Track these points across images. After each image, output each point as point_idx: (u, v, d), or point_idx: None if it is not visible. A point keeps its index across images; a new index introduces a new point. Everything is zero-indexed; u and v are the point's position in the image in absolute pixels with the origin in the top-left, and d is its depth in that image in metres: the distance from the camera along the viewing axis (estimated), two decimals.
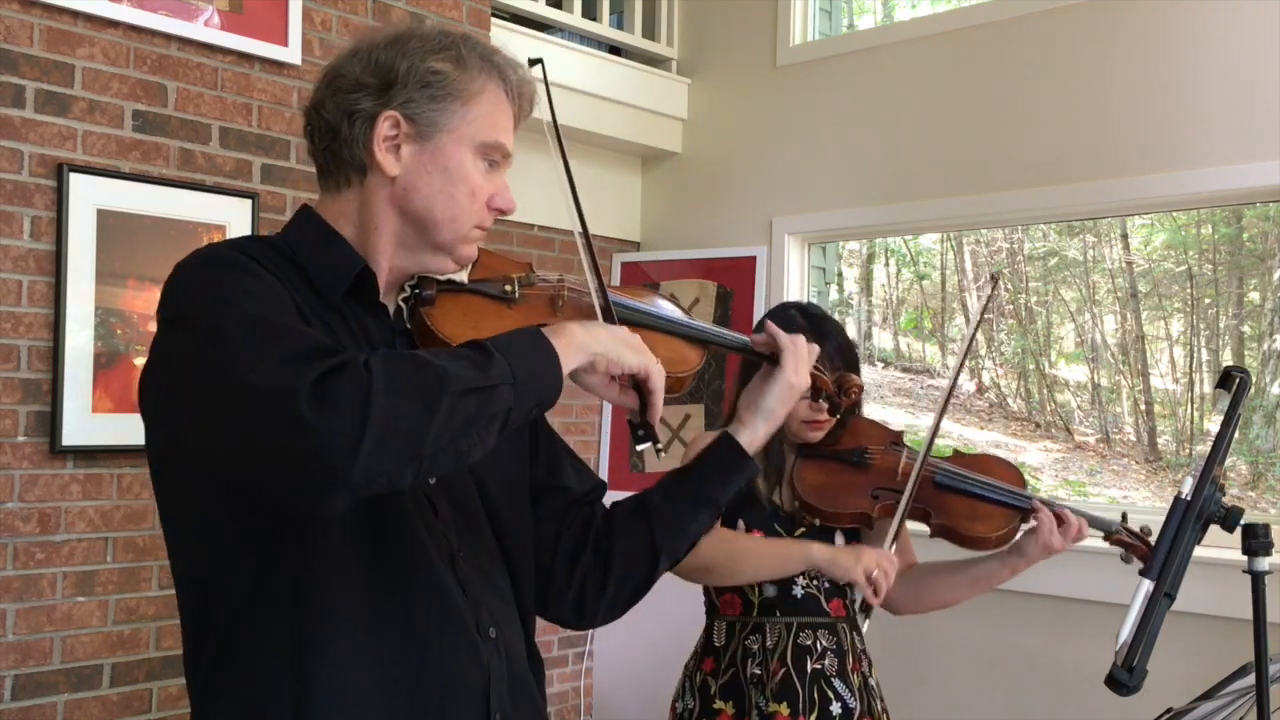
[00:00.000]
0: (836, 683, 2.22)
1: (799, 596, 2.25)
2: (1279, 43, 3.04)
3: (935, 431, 2.27)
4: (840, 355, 2.23)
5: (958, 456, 2.35)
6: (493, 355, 1.14)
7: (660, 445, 1.34)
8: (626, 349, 1.27)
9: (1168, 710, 1.73)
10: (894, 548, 2.19)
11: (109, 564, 2.84)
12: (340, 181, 1.33)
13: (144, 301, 2.88)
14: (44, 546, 2.74)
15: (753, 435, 1.50)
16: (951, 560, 2.32)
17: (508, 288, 1.38)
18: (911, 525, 2.26)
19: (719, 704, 2.24)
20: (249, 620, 1.23)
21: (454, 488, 1.35)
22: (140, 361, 2.87)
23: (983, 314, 2.41)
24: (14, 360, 2.71)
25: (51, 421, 2.74)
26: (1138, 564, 2.18)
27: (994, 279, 2.51)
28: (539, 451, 1.50)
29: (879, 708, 2.30)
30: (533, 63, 1.40)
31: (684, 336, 1.48)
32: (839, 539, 2.28)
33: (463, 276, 1.38)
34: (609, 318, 1.36)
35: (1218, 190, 3.16)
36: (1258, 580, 1.71)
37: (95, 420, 2.80)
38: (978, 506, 2.24)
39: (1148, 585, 1.58)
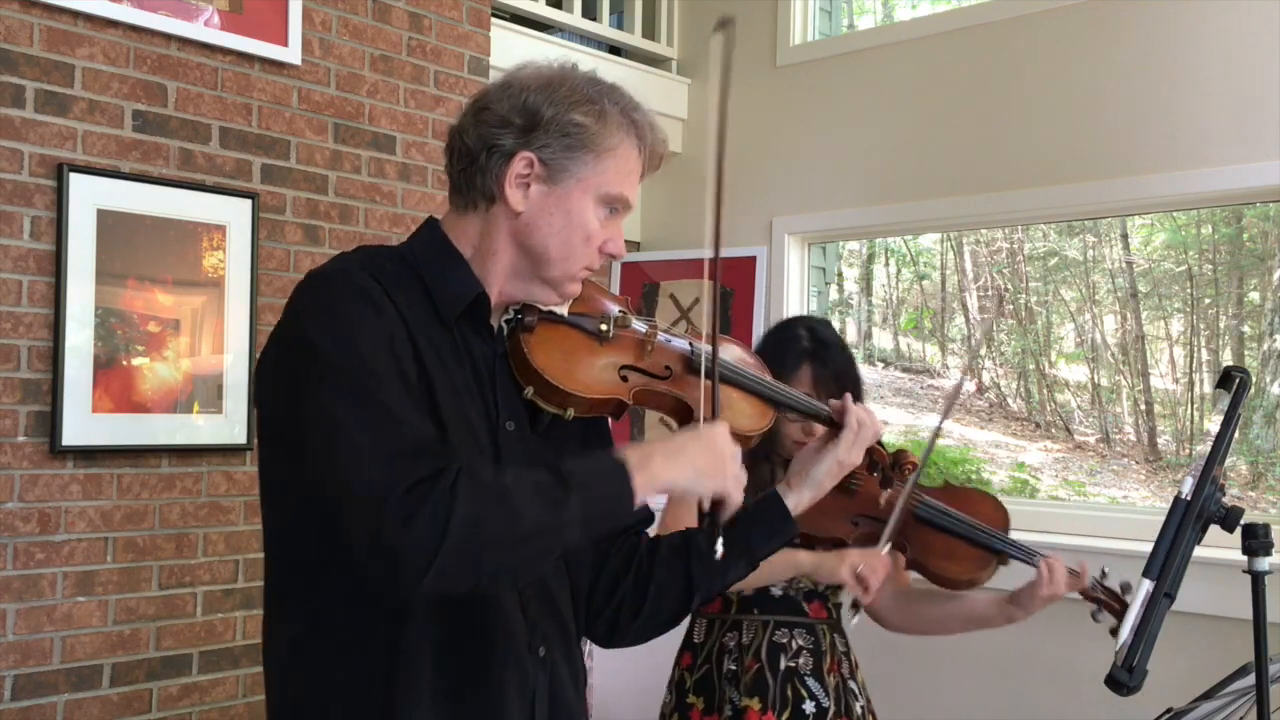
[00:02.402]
0: (810, 681, 2.23)
1: (776, 596, 2.27)
2: (1279, 43, 3.04)
3: (922, 466, 2.11)
4: (836, 381, 2.21)
5: (948, 489, 2.29)
6: (571, 495, 1.23)
7: (720, 550, 1.40)
8: (706, 479, 1.35)
9: (1168, 710, 1.73)
10: (887, 546, 2.16)
11: (109, 564, 2.84)
12: (469, 203, 1.41)
13: (144, 301, 2.88)
14: (44, 546, 2.74)
15: (798, 501, 1.55)
16: (950, 594, 2.29)
17: (603, 326, 1.45)
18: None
19: (691, 699, 2.28)
20: (340, 602, 1.32)
21: None
22: (140, 362, 2.88)
23: (988, 334, 2.37)
24: (14, 360, 2.71)
25: (51, 421, 2.74)
26: (1109, 621, 2.12)
27: (1001, 298, 2.49)
28: None
29: (859, 709, 2.28)
30: (723, 23, 1.49)
31: (764, 398, 1.55)
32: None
33: (564, 310, 1.47)
34: (694, 368, 1.46)
35: (1218, 190, 3.16)
36: (1258, 580, 1.71)
37: (95, 420, 2.80)
38: (955, 546, 2.18)
39: (1148, 585, 1.58)
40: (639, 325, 1.50)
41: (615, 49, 4.38)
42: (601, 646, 1.61)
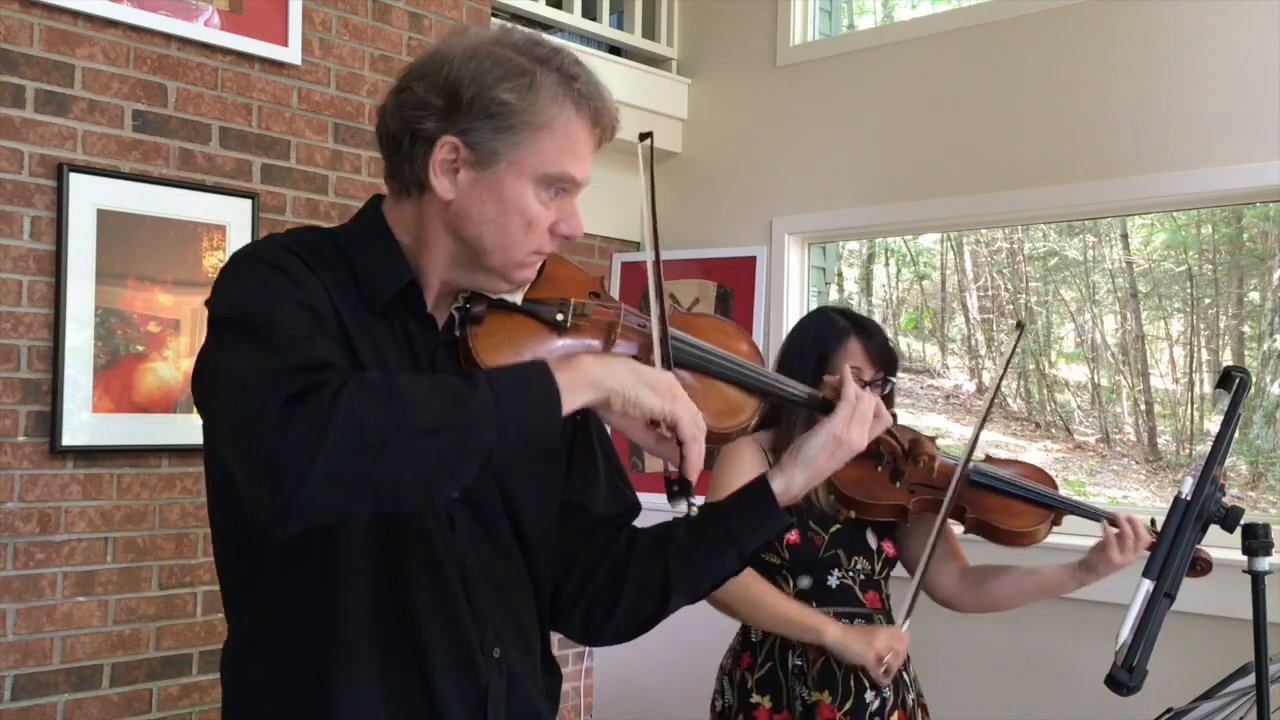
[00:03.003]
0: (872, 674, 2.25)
1: (834, 587, 2.28)
2: (1279, 43, 3.04)
3: (976, 437, 2.31)
4: (882, 356, 2.28)
5: (989, 460, 2.40)
6: (478, 389, 1.10)
7: (695, 506, 1.26)
8: (648, 390, 1.18)
9: (1168, 710, 1.73)
10: (906, 623, 2.21)
11: (109, 564, 2.84)
12: (401, 190, 1.31)
13: (144, 301, 2.88)
14: (44, 546, 2.74)
15: (788, 483, 1.41)
16: (1018, 566, 2.34)
17: (559, 315, 1.31)
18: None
19: (756, 698, 2.27)
20: (280, 619, 1.27)
21: (479, 501, 1.33)
22: (140, 362, 2.87)
23: (1008, 363, 2.45)
24: (14, 360, 2.71)
25: (51, 421, 2.74)
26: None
27: (1020, 326, 2.54)
28: (573, 468, 1.45)
29: (912, 701, 2.33)
30: (643, 137, 1.36)
31: (743, 384, 1.39)
32: (871, 536, 2.31)
33: (518, 295, 1.33)
34: (665, 354, 1.29)
35: (1218, 190, 3.16)
36: (1258, 580, 1.71)
37: (95, 420, 2.80)
38: (1011, 504, 2.29)
39: (1148, 585, 1.58)
40: (606, 306, 1.35)
41: (615, 49, 4.38)
42: (578, 643, 1.51)
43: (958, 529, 2.34)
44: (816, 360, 2.24)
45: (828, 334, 2.29)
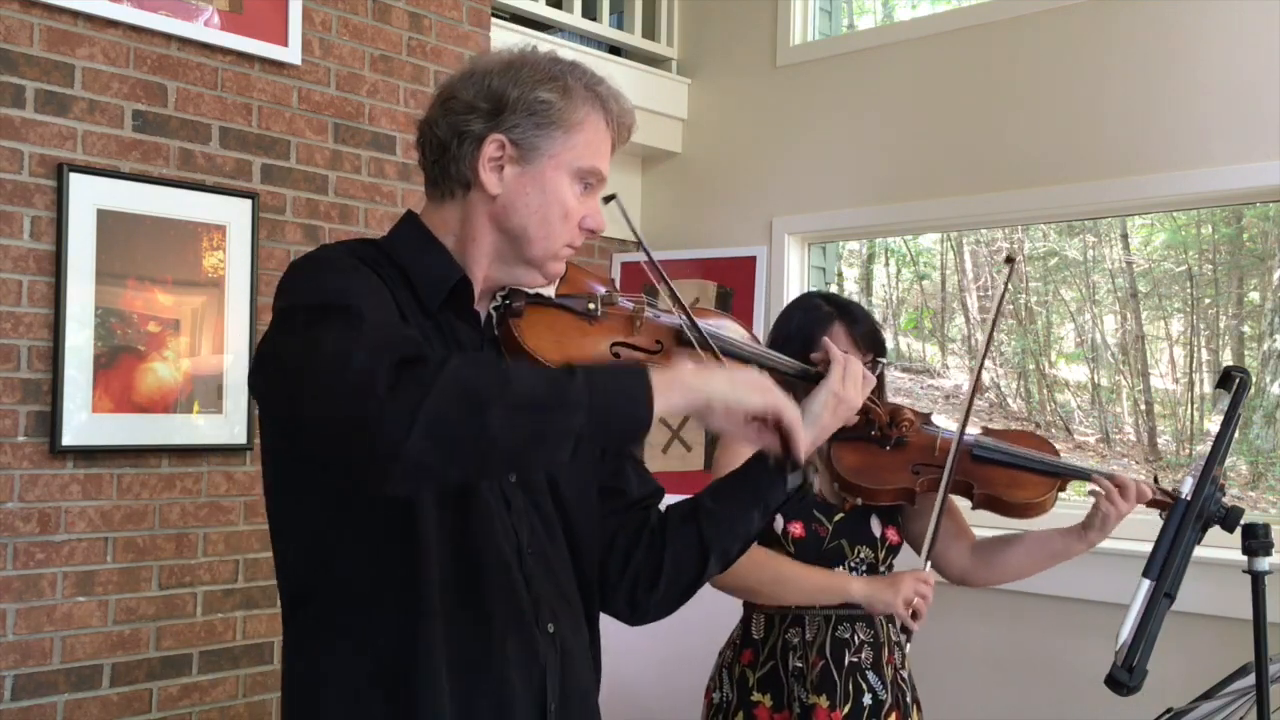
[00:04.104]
0: (870, 675, 2.26)
1: None
2: (1279, 43, 3.04)
3: (969, 407, 2.31)
4: (868, 339, 2.29)
5: (989, 431, 2.39)
6: (575, 377, 1.18)
7: (813, 479, 1.42)
8: (749, 390, 1.29)
9: (1168, 710, 1.73)
10: (928, 564, 2.23)
11: (109, 564, 2.84)
12: (445, 193, 1.42)
13: (144, 301, 2.88)
14: (44, 546, 2.74)
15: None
16: (1026, 533, 2.35)
17: (591, 305, 1.46)
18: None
19: (757, 696, 2.28)
20: (360, 600, 1.33)
21: (530, 484, 1.44)
22: (140, 362, 2.87)
23: (1002, 299, 2.45)
24: (14, 360, 2.71)
25: (51, 421, 2.74)
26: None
27: (1009, 260, 2.54)
28: (605, 453, 1.56)
29: (908, 700, 2.33)
30: (607, 200, 1.51)
31: (758, 365, 1.53)
32: (875, 524, 2.32)
33: (550, 292, 1.47)
34: (685, 340, 1.45)
35: (1218, 190, 3.16)
36: (1258, 580, 1.71)
37: (95, 420, 2.80)
38: (1016, 475, 2.29)
39: (1148, 585, 1.58)
40: (626, 302, 1.50)
41: (615, 49, 4.38)
42: (628, 623, 1.60)
43: (965, 505, 2.34)
44: (801, 345, 2.22)
45: (812, 319, 2.30)
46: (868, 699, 2.24)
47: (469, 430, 1.12)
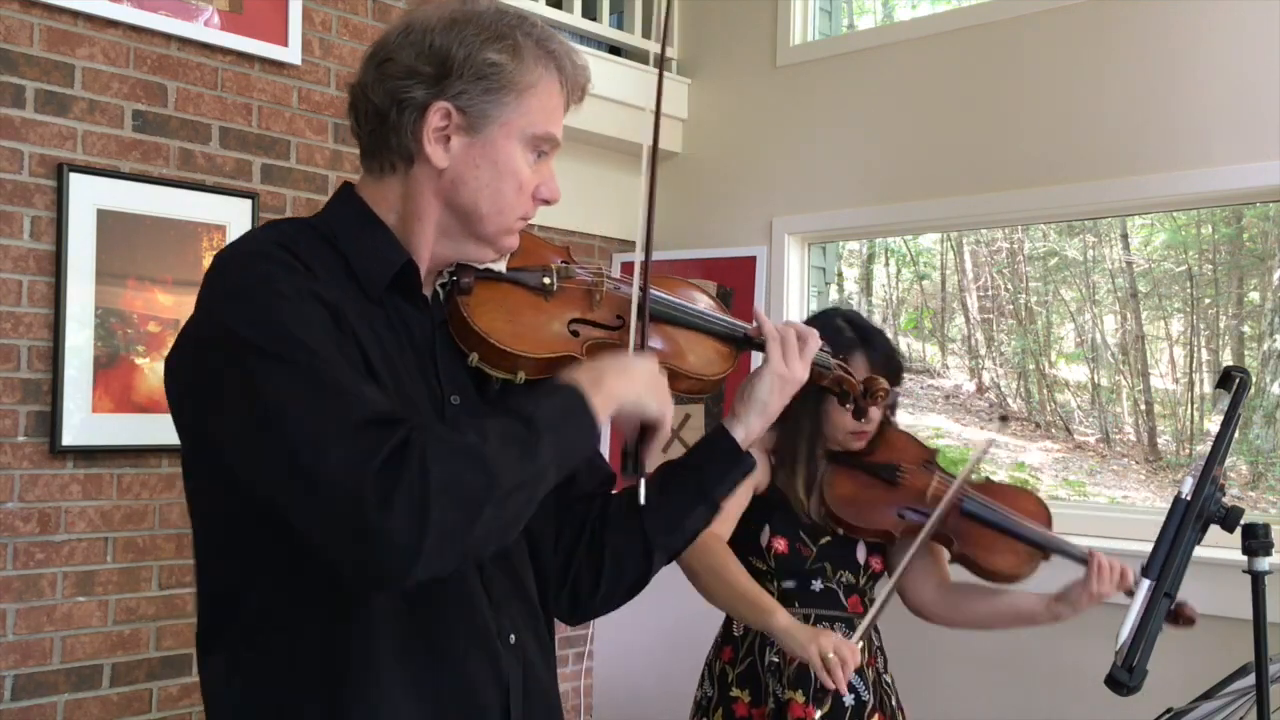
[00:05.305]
0: (852, 675, 2.23)
1: (817, 590, 2.28)
2: (1279, 43, 3.04)
3: (972, 468, 2.28)
4: (884, 365, 2.24)
5: (989, 485, 2.36)
6: (541, 438, 1.14)
7: (647, 479, 1.35)
8: (652, 396, 1.28)
9: (1168, 710, 1.73)
10: (857, 637, 2.12)
11: (109, 564, 2.84)
12: (385, 166, 1.29)
13: (144, 301, 2.88)
14: (44, 546, 2.74)
15: (746, 429, 1.44)
16: (1000, 590, 2.32)
17: (546, 280, 1.35)
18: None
19: (735, 692, 2.28)
20: (281, 610, 1.21)
21: None
22: (140, 362, 2.88)
23: (974, 466, 2.40)
24: (14, 360, 2.71)
25: (51, 421, 2.74)
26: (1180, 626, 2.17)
27: (1004, 419, 2.53)
28: None
29: (892, 704, 2.32)
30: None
31: (718, 335, 1.47)
32: (860, 551, 2.31)
33: (501, 265, 1.36)
34: (642, 315, 1.36)
35: (1218, 190, 3.16)
36: (1258, 580, 1.71)
37: (95, 420, 2.80)
38: (1000, 540, 2.24)
39: (1148, 585, 1.58)
40: (583, 274, 1.40)
41: (615, 49, 4.38)
42: (566, 622, 1.49)
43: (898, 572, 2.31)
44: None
45: (833, 347, 2.27)
46: (849, 699, 2.22)
47: (472, 533, 1.09)
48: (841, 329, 2.28)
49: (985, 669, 3.36)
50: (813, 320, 2.40)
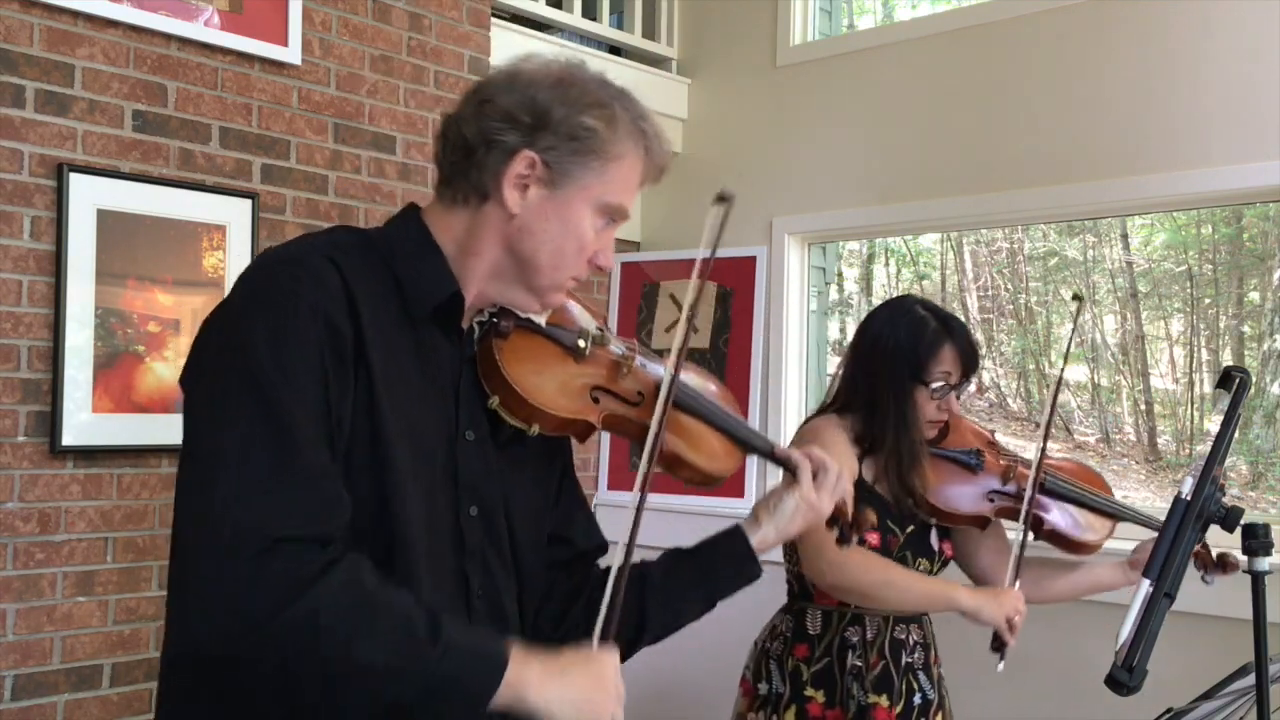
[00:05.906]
0: (921, 675, 2.28)
1: None
2: (1279, 43, 3.04)
3: (1045, 441, 2.29)
4: (968, 359, 2.24)
5: (1055, 467, 2.40)
6: (431, 656, 1.12)
7: None
8: (579, 712, 1.21)
9: (1168, 710, 1.73)
10: (1017, 585, 2.20)
11: (109, 564, 2.84)
12: (458, 197, 1.32)
13: (144, 301, 2.88)
14: (44, 546, 2.74)
15: (763, 539, 1.47)
16: (1068, 560, 2.37)
17: (580, 342, 1.39)
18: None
19: (810, 691, 2.26)
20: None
21: (491, 517, 1.36)
22: (140, 362, 2.87)
23: (1070, 339, 2.46)
24: (14, 360, 2.71)
25: (51, 421, 2.74)
26: (1218, 578, 2.25)
27: (1077, 298, 2.54)
28: (560, 498, 1.50)
29: (948, 702, 2.36)
30: (721, 200, 1.47)
31: (731, 436, 1.49)
32: (934, 538, 2.32)
33: (541, 320, 1.39)
34: (668, 399, 1.37)
35: (1218, 190, 3.16)
36: (1258, 580, 1.71)
37: (95, 420, 2.80)
38: (1085, 515, 2.31)
39: (1148, 585, 1.58)
40: (617, 346, 1.43)
41: (615, 49, 4.38)
42: None
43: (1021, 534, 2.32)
44: (912, 366, 2.20)
45: (920, 339, 2.22)
46: (918, 699, 2.25)
47: (295, 666, 1.10)
48: (926, 320, 2.25)
49: (985, 668, 3.36)
50: (889, 309, 2.34)
